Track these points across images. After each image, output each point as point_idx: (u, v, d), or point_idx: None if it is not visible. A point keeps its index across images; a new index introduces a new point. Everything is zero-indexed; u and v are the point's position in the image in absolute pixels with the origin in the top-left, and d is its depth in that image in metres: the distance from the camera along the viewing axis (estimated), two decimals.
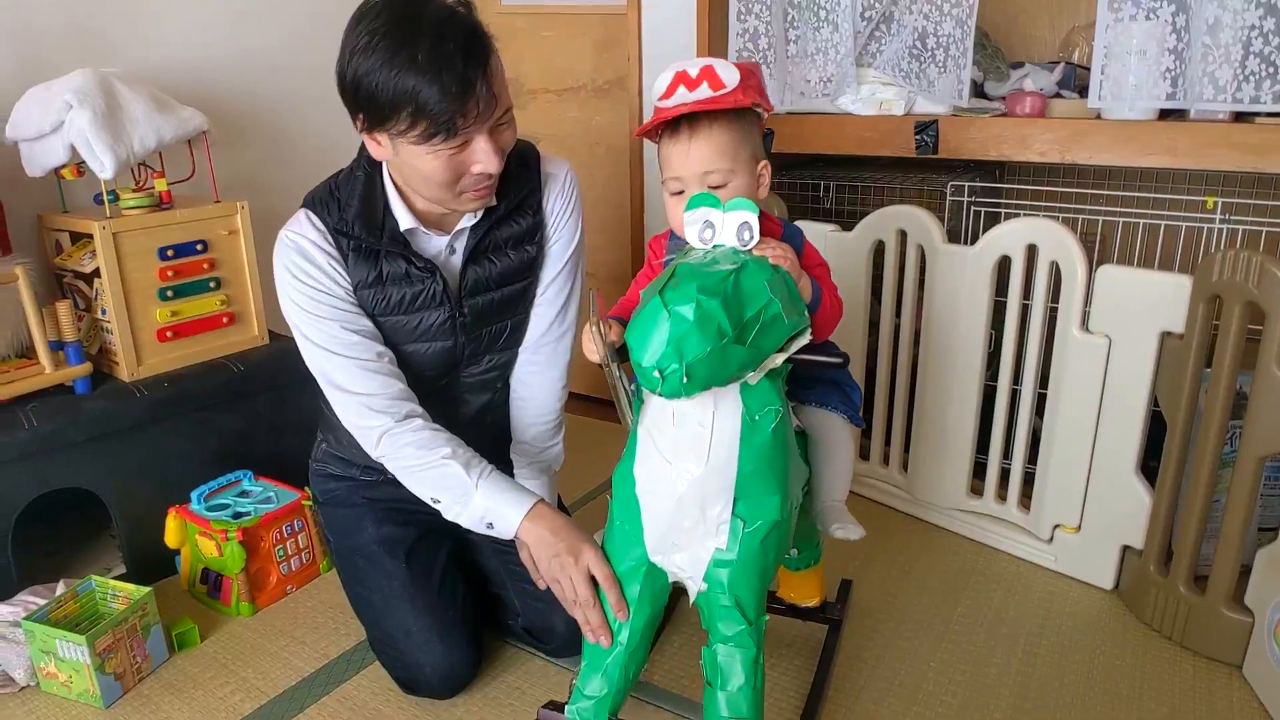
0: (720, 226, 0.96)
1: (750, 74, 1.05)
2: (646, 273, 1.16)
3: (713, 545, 1.00)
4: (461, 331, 1.30)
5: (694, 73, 1.01)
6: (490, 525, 1.20)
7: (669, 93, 1.02)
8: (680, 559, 1.02)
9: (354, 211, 1.22)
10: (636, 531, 1.04)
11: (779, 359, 0.94)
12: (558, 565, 1.13)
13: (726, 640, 1.01)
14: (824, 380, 1.16)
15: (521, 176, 1.31)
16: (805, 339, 0.96)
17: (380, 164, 1.24)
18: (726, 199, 1.01)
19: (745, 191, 1.05)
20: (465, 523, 1.21)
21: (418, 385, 1.31)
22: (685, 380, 0.85)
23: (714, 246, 0.97)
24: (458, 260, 1.29)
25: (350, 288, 1.24)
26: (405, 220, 1.24)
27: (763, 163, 1.09)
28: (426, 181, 1.16)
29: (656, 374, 0.85)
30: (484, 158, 1.14)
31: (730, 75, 1.01)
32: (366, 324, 1.25)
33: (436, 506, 1.22)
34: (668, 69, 1.04)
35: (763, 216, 1.08)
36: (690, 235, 0.98)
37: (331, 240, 1.23)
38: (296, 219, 1.25)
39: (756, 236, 0.95)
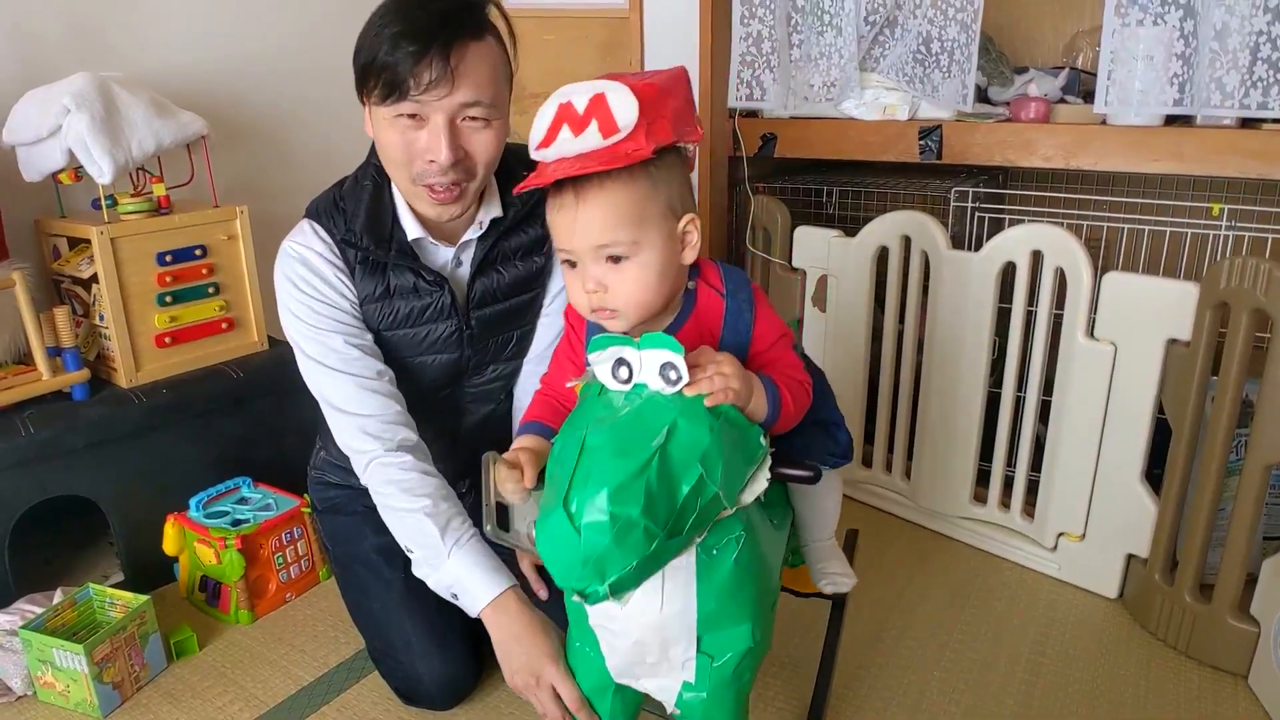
0: (638, 367, 0.79)
1: (660, 98, 0.81)
2: (564, 346, 1.02)
3: (680, 679, 0.90)
4: (468, 344, 1.29)
5: (581, 106, 0.79)
6: (455, 596, 1.17)
7: (548, 140, 0.81)
8: (649, 684, 0.94)
9: (361, 222, 1.20)
10: (598, 657, 0.95)
11: (730, 511, 0.82)
12: (520, 683, 1.10)
13: None
14: (806, 424, 0.96)
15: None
16: (762, 479, 0.84)
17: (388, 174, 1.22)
18: (632, 279, 0.85)
19: (655, 268, 0.84)
20: (432, 585, 1.18)
21: (421, 395, 1.30)
22: (612, 594, 0.75)
23: (635, 387, 0.80)
24: (465, 272, 1.28)
25: (356, 301, 1.23)
26: (413, 230, 1.22)
27: (687, 217, 0.87)
28: (387, 159, 1.15)
29: (576, 597, 0.77)
30: (432, 141, 1.10)
31: (626, 111, 0.78)
32: (369, 340, 1.24)
33: (410, 556, 1.20)
34: (550, 99, 0.82)
35: (699, 274, 0.94)
36: (602, 375, 0.82)
37: (338, 252, 1.21)
38: (300, 230, 1.23)
39: (685, 377, 0.78)
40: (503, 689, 1.36)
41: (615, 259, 0.84)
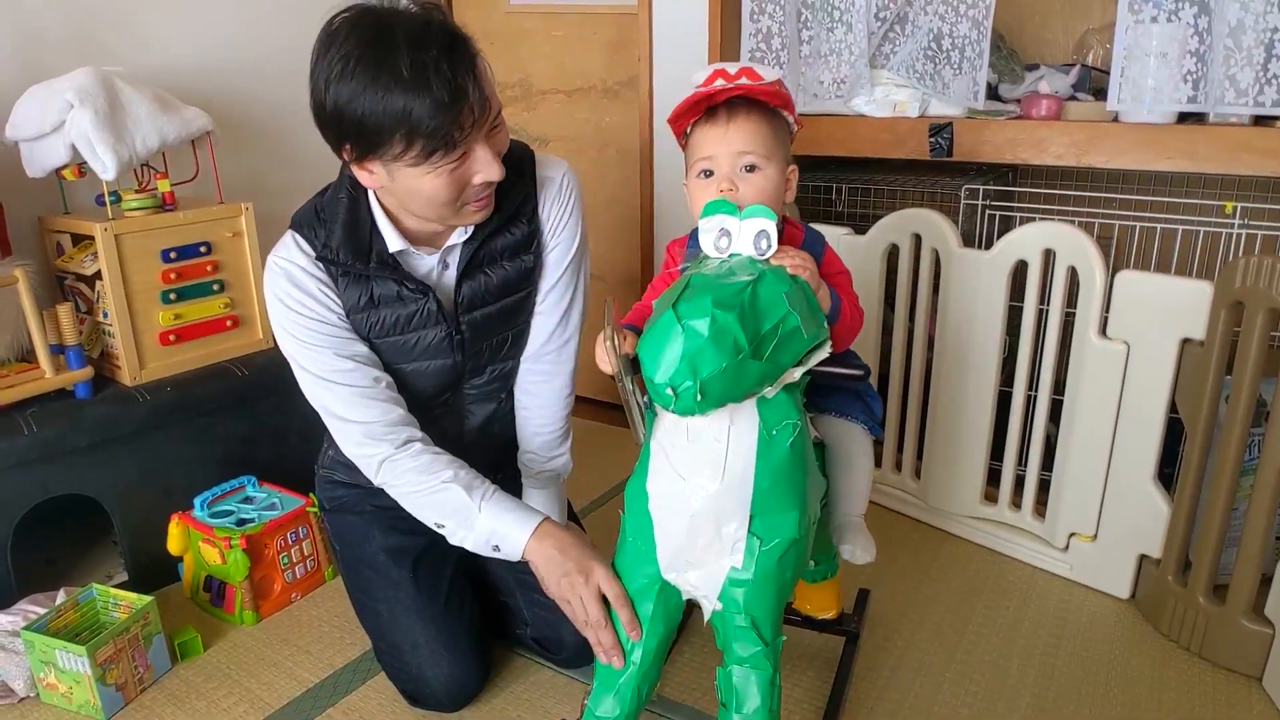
0: (737, 234, 0.93)
1: (783, 84, 1.04)
2: (663, 277, 1.13)
3: (728, 564, 0.96)
4: (459, 349, 1.27)
5: (733, 70, 1.00)
6: (496, 548, 1.18)
7: (708, 83, 1.01)
8: (694, 577, 0.99)
9: (338, 237, 1.18)
10: (649, 548, 1.01)
11: (797, 373, 0.91)
12: (567, 585, 1.10)
13: (742, 661, 0.99)
14: (844, 389, 1.14)
15: (515, 183, 1.25)
16: (824, 352, 0.93)
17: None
18: (757, 187, 1.00)
19: (775, 185, 1.03)
20: (471, 546, 1.19)
21: (420, 401, 1.28)
22: (700, 398, 0.82)
23: (730, 255, 0.93)
24: (451, 276, 1.25)
25: (342, 311, 1.21)
26: (395, 242, 1.19)
27: (792, 167, 1.07)
28: (429, 203, 1.12)
29: (670, 391, 0.82)
30: (485, 166, 1.10)
31: (769, 72, 1.01)
32: (362, 348, 1.22)
33: (441, 531, 1.20)
34: (703, 68, 1.03)
35: (784, 221, 1.07)
36: (705, 244, 0.95)
37: (319, 264, 1.19)
38: (284, 243, 1.21)
39: (775, 245, 0.92)
40: (508, 693, 1.35)
41: (750, 168, 1.01)
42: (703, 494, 0.93)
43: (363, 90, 1.01)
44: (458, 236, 1.22)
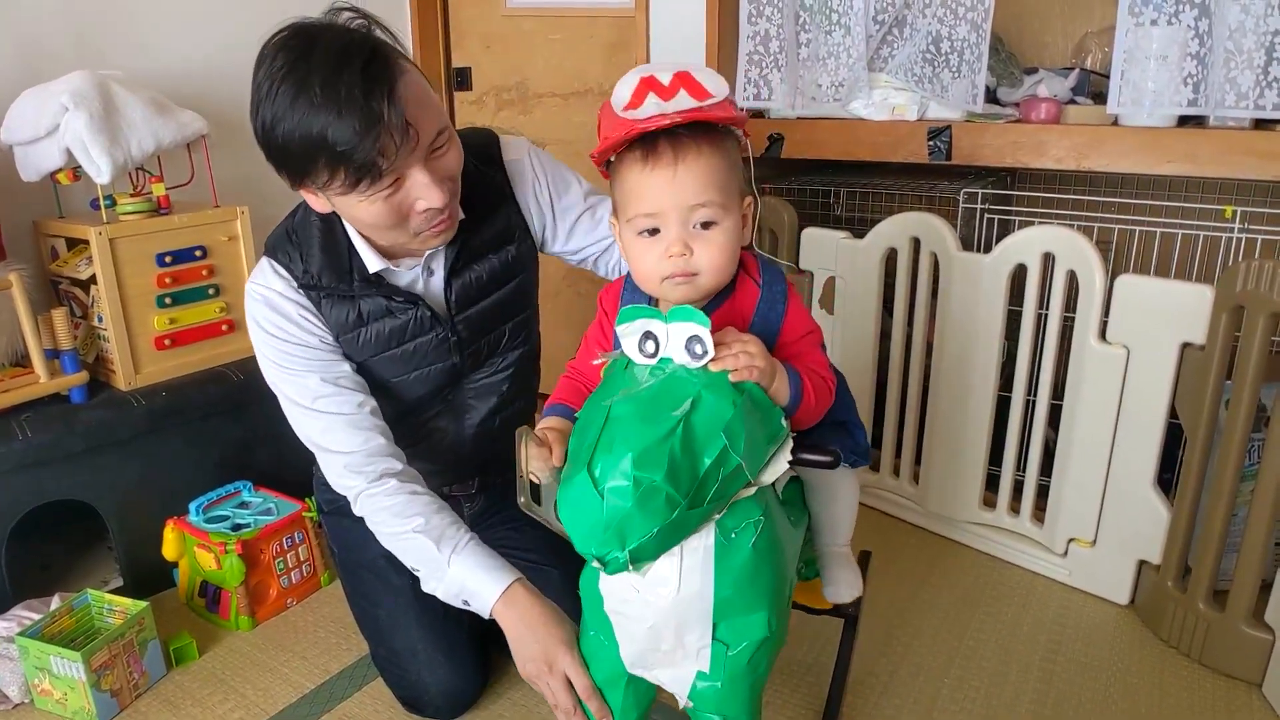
0: (665, 340, 0.80)
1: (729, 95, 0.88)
2: (595, 331, 1.02)
3: (694, 668, 0.89)
4: (456, 350, 1.27)
5: (665, 79, 0.82)
6: (466, 603, 1.15)
7: (635, 101, 0.82)
8: (662, 674, 0.93)
9: (318, 262, 1.16)
10: (612, 644, 0.94)
11: (752, 490, 0.82)
12: (533, 670, 1.08)
13: None
14: (823, 423, 0.96)
15: (485, 174, 1.23)
16: (783, 460, 0.84)
17: None
18: (716, 246, 0.86)
19: (734, 235, 0.87)
20: (442, 597, 1.17)
21: (420, 402, 1.28)
22: (632, 564, 0.75)
23: (660, 361, 0.81)
24: (438, 280, 1.24)
25: (325, 334, 1.20)
26: (374, 263, 1.18)
27: (748, 199, 0.90)
28: (375, 229, 1.09)
29: (595, 562, 0.76)
30: (425, 192, 1.04)
31: (716, 83, 0.83)
32: (346, 369, 1.21)
33: (416, 574, 1.18)
34: (629, 74, 0.84)
35: (743, 258, 0.94)
36: (628, 348, 0.82)
37: (299, 289, 1.18)
38: (260, 269, 1.20)
39: (711, 351, 0.78)
40: (506, 700, 1.34)
41: (705, 224, 0.86)
42: (659, 606, 0.85)
43: (283, 114, 0.97)
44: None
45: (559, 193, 1.30)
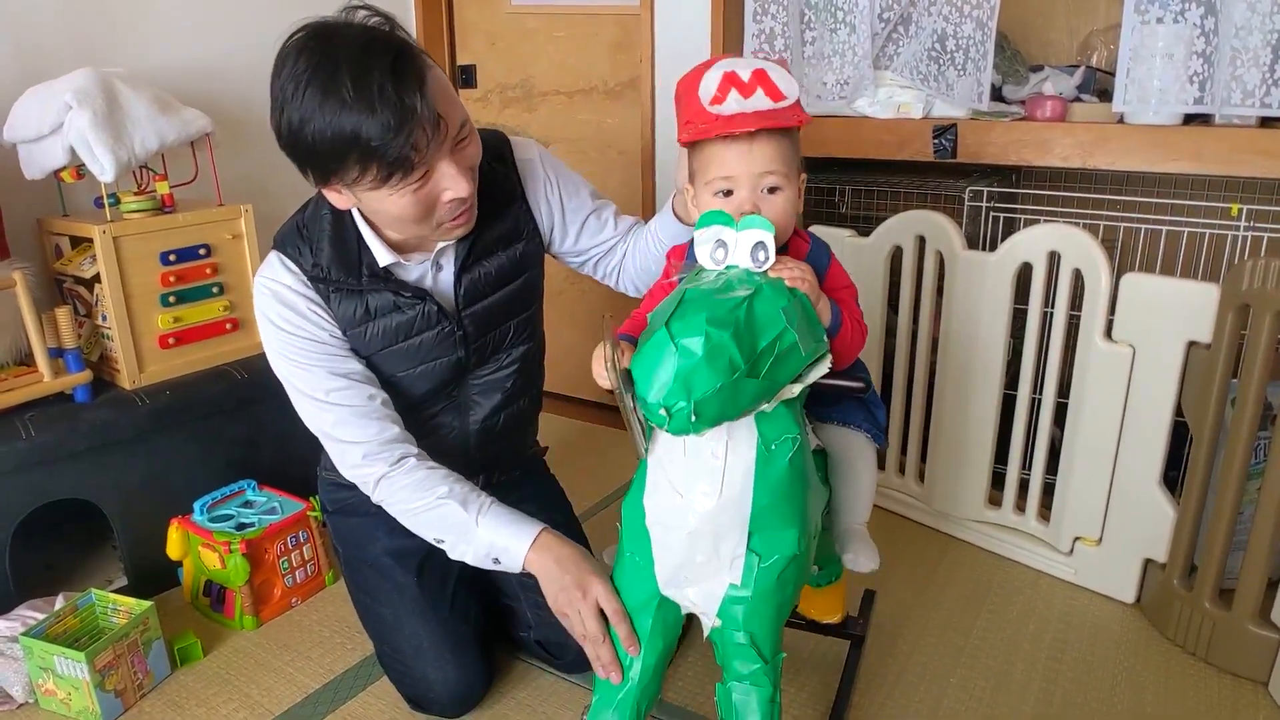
0: (734, 246, 0.89)
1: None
2: (661, 286, 1.09)
3: (727, 581, 0.95)
4: (462, 345, 1.27)
5: (745, 75, 0.94)
6: (496, 560, 1.16)
7: (720, 97, 0.94)
8: (693, 593, 0.98)
9: (327, 256, 1.17)
10: (647, 564, 0.99)
11: (795, 389, 0.89)
12: (565, 599, 1.09)
13: (742, 678, 0.98)
14: (847, 397, 1.11)
15: (497, 172, 1.25)
16: (824, 367, 0.91)
17: None
18: (779, 209, 0.97)
19: (793, 202, 1.00)
20: (471, 560, 1.18)
21: (426, 398, 1.28)
22: (694, 418, 0.79)
23: (727, 268, 0.90)
24: (447, 276, 1.25)
25: (335, 329, 1.20)
26: (384, 256, 1.18)
27: (803, 177, 1.04)
28: (399, 222, 1.11)
29: (663, 411, 0.80)
30: (452, 183, 1.07)
31: (790, 84, 0.95)
32: (356, 365, 1.21)
33: (441, 546, 1.19)
34: (710, 69, 0.96)
35: (794, 228, 1.05)
36: (701, 255, 0.91)
37: (309, 283, 1.18)
38: (269, 263, 1.20)
39: (773, 257, 0.89)
40: (511, 699, 1.34)
41: (770, 189, 0.98)
42: (700, 510, 0.92)
43: (312, 115, 0.99)
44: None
45: (569, 194, 1.32)
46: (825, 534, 1.14)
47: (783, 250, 1.01)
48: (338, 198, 1.11)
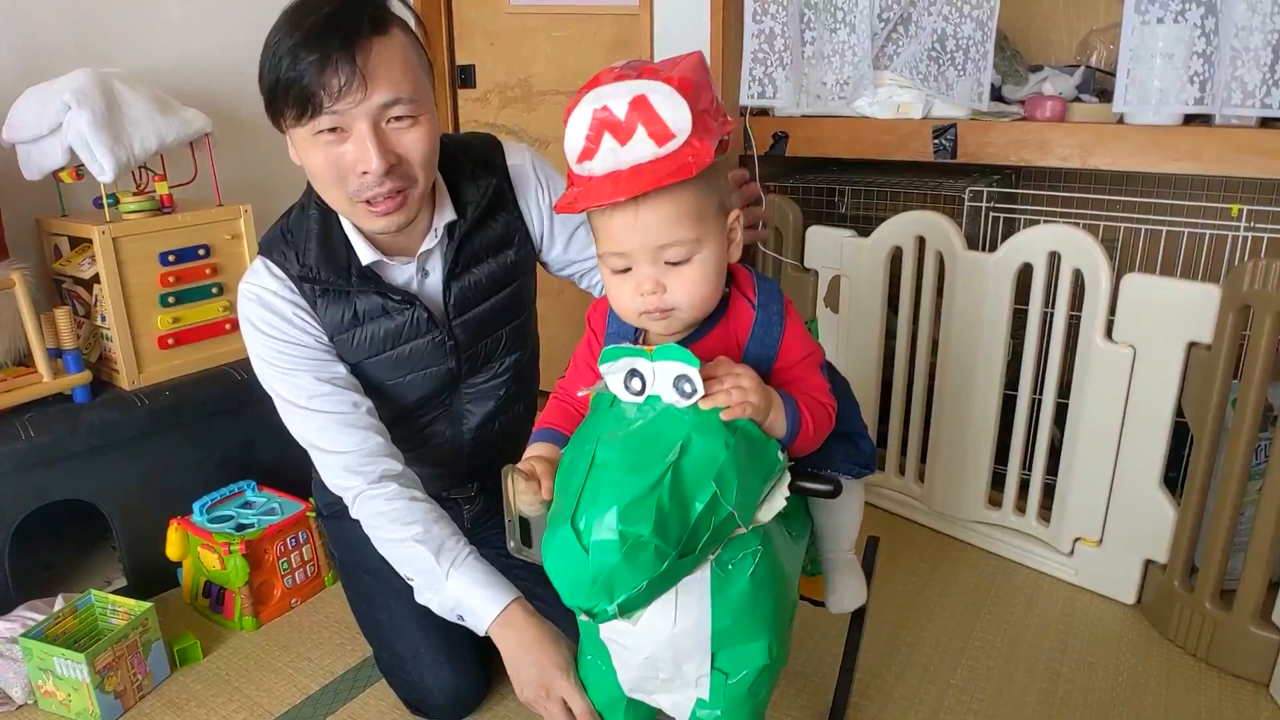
0: (651, 378, 0.75)
1: (697, 94, 0.75)
2: (584, 350, 0.97)
3: (694, 695, 0.88)
4: (453, 354, 1.26)
5: (620, 111, 0.73)
6: (461, 618, 1.14)
7: (589, 151, 0.75)
8: (662, 700, 0.92)
9: (315, 255, 1.16)
10: (609, 670, 0.92)
11: (744, 530, 0.79)
12: (530, 694, 1.07)
13: None
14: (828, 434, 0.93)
15: (484, 178, 1.23)
16: (780, 496, 0.81)
17: None
18: (690, 281, 0.81)
19: (715, 262, 0.82)
20: (436, 610, 1.16)
21: (417, 407, 1.27)
22: (620, 615, 0.71)
23: (648, 399, 0.77)
24: (434, 282, 1.23)
25: (320, 334, 1.19)
26: (366, 254, 1.17)
27: (733, 214, 0.85)
28: (319, 183, 1.10)
29: (584, 616, 0.72)
30: (360, 153, 1.03)
31: (678, 114, 0.73)
32: (341, 370, 1.20)
33: (410, 584, 1.18)
34: (579, 105, 0.75)
35: (733, 281, 0.90)
36: (614, 386, 0.78)
37: (294, 288, 1.17)
38: (253, 269, 1.19)
39: (700, 390, 0.74)
40: (510, 701, 1.33)
41: (675, 261, 0.80)
42: (655, 638, 0.83)
43: (269, 48, 1.02)
44: (429, 241, 1.20)
45: (549, 200, 1.30)
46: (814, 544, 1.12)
47: (720, 315, 0.88)
48: (292, 152, 1.12)
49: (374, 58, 1.01)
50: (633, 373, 0.76)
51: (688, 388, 0.74)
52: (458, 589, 1.12)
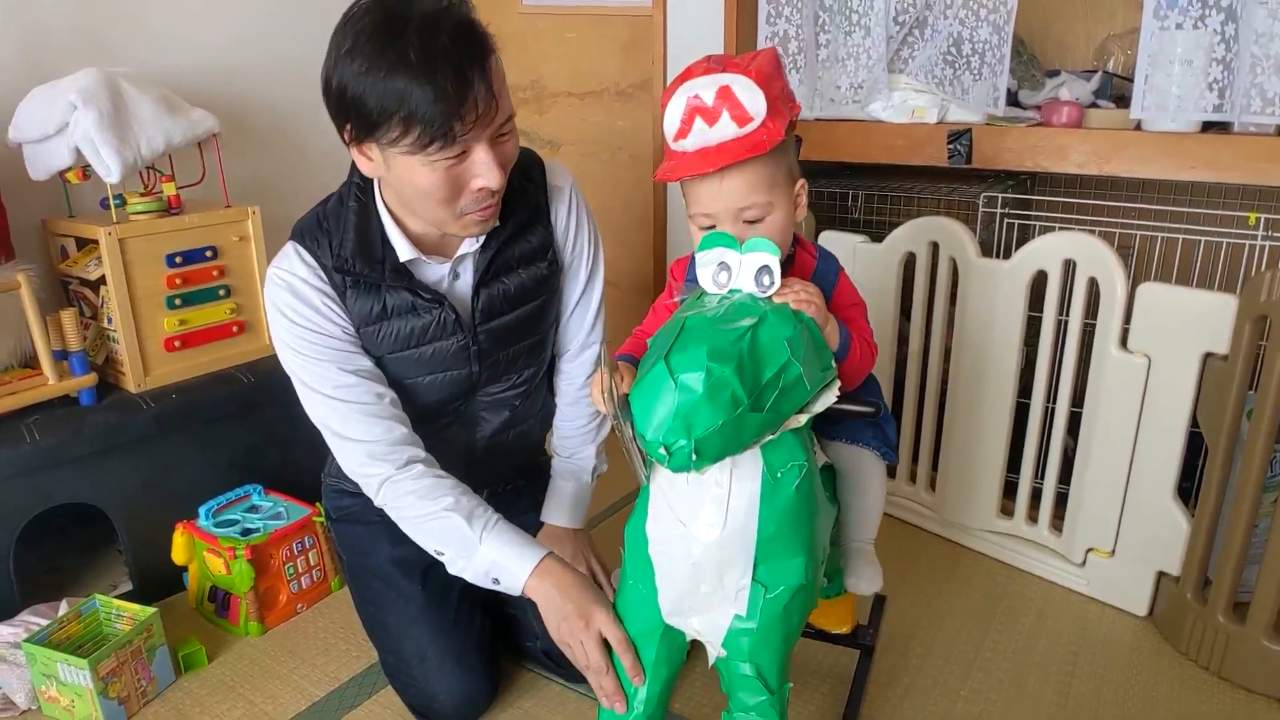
0: (737, 269, 0.87)
1: (771, 83, 0.90)
2: (666, 300, 1.06)
3: (732, 611, 0.93)
4: (475, 360, 1.25)
5: (709, 98, 0.88)
6: (496, 580, 1.15)
7: (683, 131, 0.90)
8: (698, 622, 0.96)
9: (351, 246, 1.15)
10: (651, 593, 0.97)
11: (802, 419, 0.86)
12: (567, 629, 1.08)
13: (747, 709, 0.96)
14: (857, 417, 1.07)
15: (526, 190, 1.24)
16: (831, 395, 0.88)
17: (373, 191, 1.17)
18: (764, 233, 0.92)
19: (784, 225, 0.96)
20: (470, 577, 1.16)
21: (431, 411, 1.27)
22: (695, 456, 0.77)
23: (730, 291, 0.88)
24: (463, 285, 1.23)
25: (347, 325, 1.18)
26: (405, 251, 1.17)
27: (800, 181, 0.98)
28: (425, 199, 1.08)
29: (662, 450, 0.78)
30: (485, 170, 1.05)
31: (755, 101, 0.87)
32: (366, 363, 1.20)
33: (440, 559, 1.18)
34: (675, 94, 0.90)
35: (797, 242, 1.02)
36: (703, 279, 0.89)
37: (325, 277, 1.17)
38: (285, 255, 1.18)
39: (778, 281, 0.86)
40: (517, 708, 1.33)
41: (752, 221, 0.93)
42: (704, 541, 0.89)
43: (368, 68, 0.99)
44: (468, 245, 1.20)
45: (583, 242, 1.31)
46: (834, 547, 1.13)
47: (788, 265, 0.98)
48: (367, 164, 1.10)
49: (494, 76, 1.02)
50: (722, 265, 0.87)
51: (767, 280, 0.86)
52: (491, 551, 1.13)
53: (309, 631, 1.52)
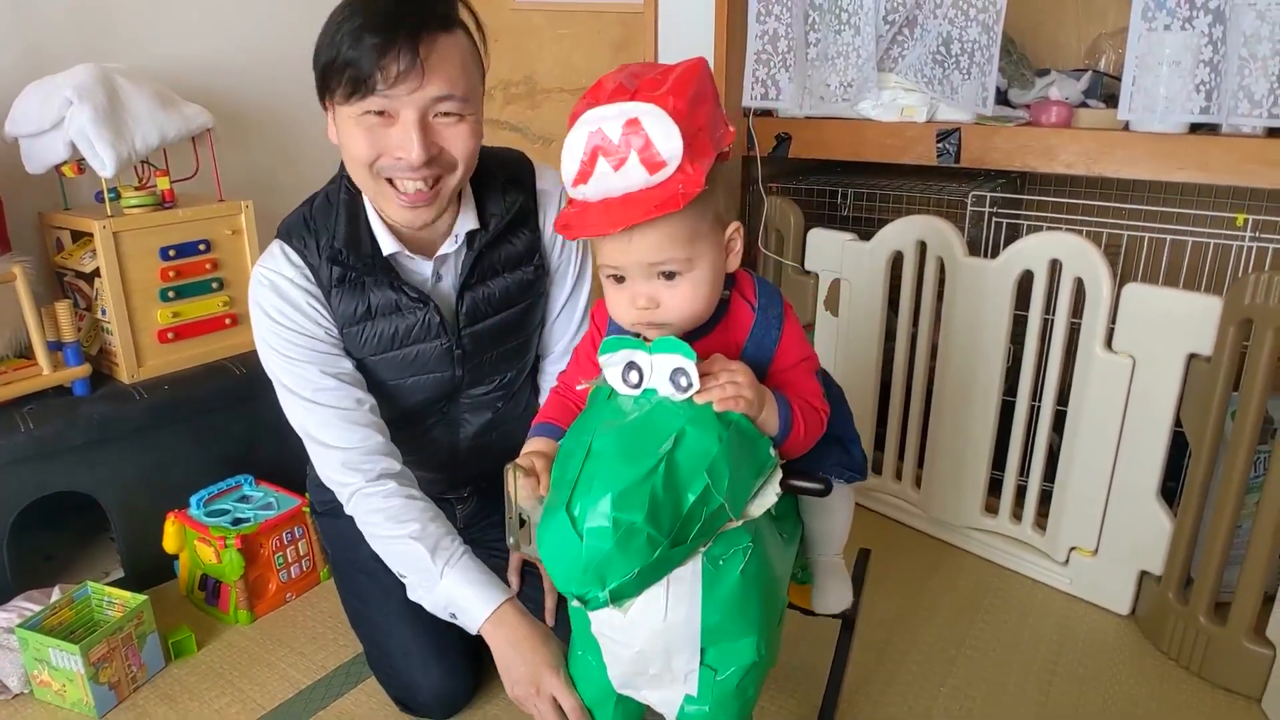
0: (649, 371, 0.77)
1: (694, 110, 0.75)
2: (587, 344, 0.99)
3: (682, 691, 0.88)
4: (459, 363, 1.26)
5: (614, 134, 0.74)
6: (454, 616, 1.15)
7: (583, 174, 0.76)
8: (650, 696, 0.92)
9: (342, 237, 1.16)
10: (600, 666, 0.93)
11: (737, 523, 0.79)
12: (520, 692, 1.07)
13: None
14: (821, 438, 0.93)
15: (511, 193, 1.24)
16: (772, 491, 0.81)
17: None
18: (684, 296, 0.83)
19: (710, 274, 0.83)
20: (429, 607, 1.17)
21: (414, 412, 1.27)
22: (613, 602, 0.73)
23: (644, 393, 0.79)
24: (447, 287, 1.23)
25: (331, 326, 1.19)
26: (389, 244, 1.17)
27: (733, 226, 0.85)
28: (351, 161, 1.10)
29: (577, 602, 0.74)
30: (404, 139, 1.04)
31: (669, 139, 0.73)
32: (347, 366, 1.20)
33: (403, 581, 1.18)
34: (576, 125, 0.76)
35: (739, 280, 0.91)
36: (612, 379, 0.80)
37: (311, 277, 1.17)
38: (270, 254, 1.19)
39: (696, 384, 0.76)
40: (499, 701, 1.34)
41: (668, 275, 0.82)
42: (645, 633, 0.84)
43: (332, 30, 1.03)
44: (449, 245, 1.21)
45: (568, 241, 1.30)
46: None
47: (721, 316, 0.89)
48: (331, 130, 1.12)
49: (437, 51, 1.03)
50: (630, 365, 0.78)
51: (684, 381, 0.76)
52: (451, 587, 1.13)
53: (297, 620, 1.54)
